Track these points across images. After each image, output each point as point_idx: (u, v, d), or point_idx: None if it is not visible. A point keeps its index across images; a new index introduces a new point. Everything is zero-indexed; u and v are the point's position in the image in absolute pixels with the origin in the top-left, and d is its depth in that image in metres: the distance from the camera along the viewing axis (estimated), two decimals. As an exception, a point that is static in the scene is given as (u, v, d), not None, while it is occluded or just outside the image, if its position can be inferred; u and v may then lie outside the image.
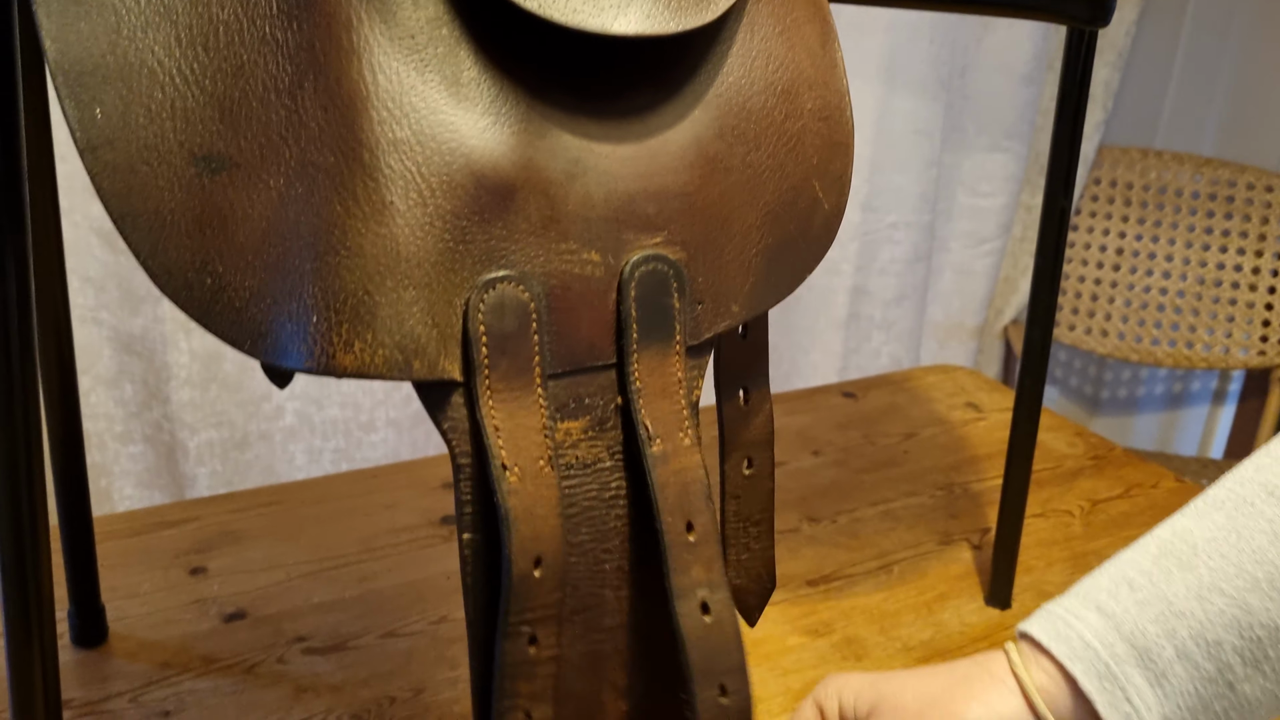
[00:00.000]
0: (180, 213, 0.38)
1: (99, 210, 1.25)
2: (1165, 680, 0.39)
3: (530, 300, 0.40)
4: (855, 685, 0.45)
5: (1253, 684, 0.39)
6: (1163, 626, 0.39)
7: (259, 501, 0.93)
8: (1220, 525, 0.41)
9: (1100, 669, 0.40)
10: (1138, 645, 0.39)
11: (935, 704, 0.42)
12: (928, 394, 1.20)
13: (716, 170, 0.44)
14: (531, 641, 0.41)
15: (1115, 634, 0.40)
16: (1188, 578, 0.40)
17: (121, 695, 0.71)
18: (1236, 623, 0.39)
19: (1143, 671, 0.39)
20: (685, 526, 0.42)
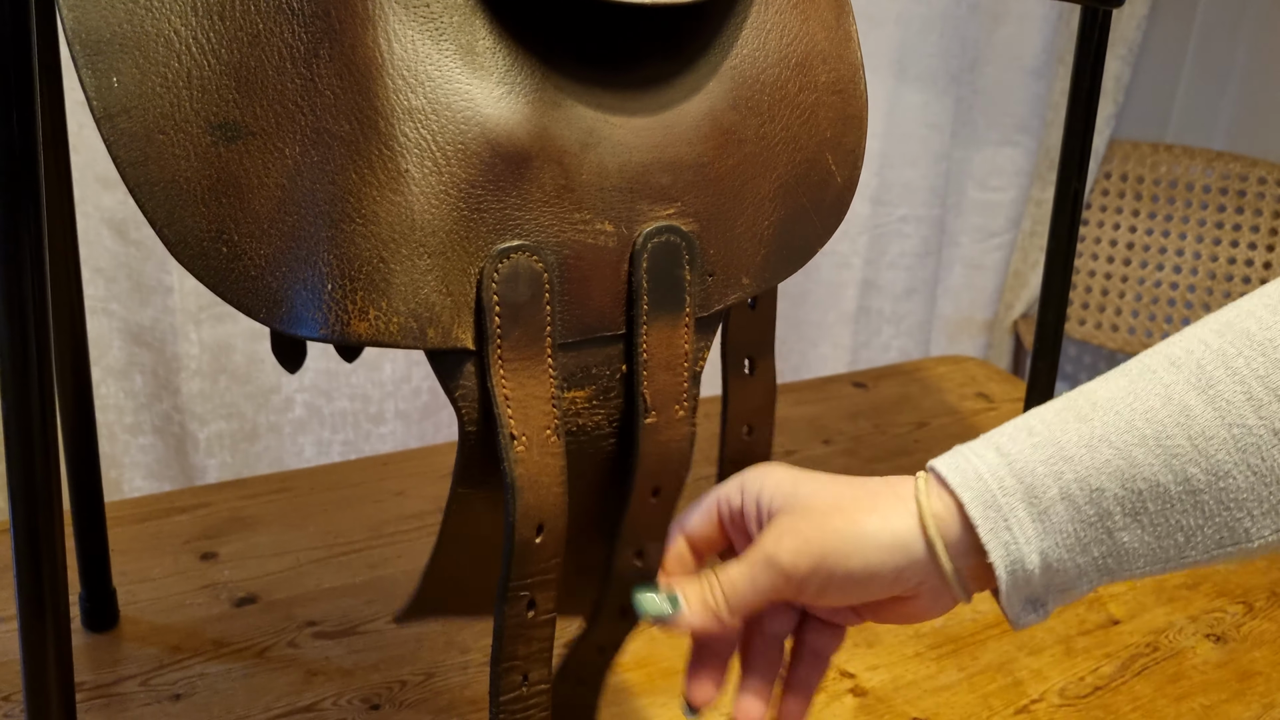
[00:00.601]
0: (196, 181, 0.38)
1: (110, 201, 1.25)
2: (1046, 516, 0.42)
3: (544, 270, 0.40)
4: (778, 478, 0.46)
5: (1130, 534, 0.41)
6: (1051, 468, 0.42)
7: (269, 488, 0.93)
8: (1121, 387, 0.43)
9: (987, 499, 0.42)
10: (1025, 482, 0.42)
11: (840, 510, 0.44)
12: (938, 384, 1.20)
13: (730, 142, 0.44)
14: (530, 606, 0.41)
15: (1007, 470, 0.42)
16: (1082, 429, 0.42)
17: (132, 678, 0.71)
18: (1120, 473, 0.41)
19: (1027, 506, 0.42)
20: (652, 491, 0.44)
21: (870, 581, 0.43)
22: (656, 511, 0.45)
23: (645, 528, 0.45)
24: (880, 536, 0.43)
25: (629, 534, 0.45)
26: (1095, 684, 0.76)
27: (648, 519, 0.45)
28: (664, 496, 0.45)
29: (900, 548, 0.43)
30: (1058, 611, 0.83)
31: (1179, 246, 1.82)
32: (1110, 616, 0.84)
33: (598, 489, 0.44)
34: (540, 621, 0.42)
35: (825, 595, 0.44)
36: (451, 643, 0.76)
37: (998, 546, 0.41)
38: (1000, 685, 0.75)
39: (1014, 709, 0.73)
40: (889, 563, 0.43)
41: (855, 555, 0.43)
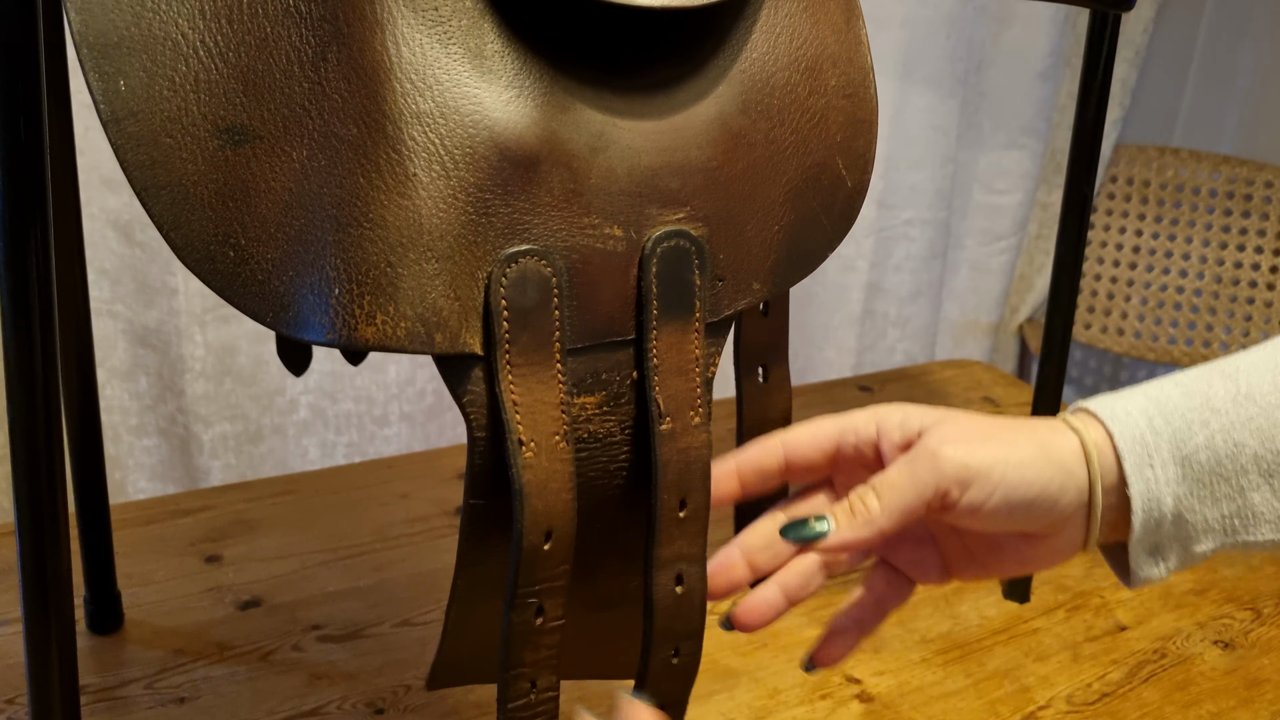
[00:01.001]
0: (203, 185, 0.37)
1: (115, 203, 1.25)
2: (1189, 462, 0.42)
3: (552, 274, 0.40)
4: (921, 409, 0.45)
5: (1261, 494, 0.42)
6: (1199, 415, 0.42)
7: (273, 491, 0.93)
8: (1263, 356, 0.44)
9: (1136, 434, 0.43)
10: (1173, 425, 0.43)
11: (1002, 430, 0.44)
12: (944, 388, 1.20)
13: (740, 146, 0.44)
14: (539, 613, 0.41)
15: (1157, 411, 0.43)
16: (1228, 385, 0.43)
17: (136, 682, 0.71)
18: (1261, 431, 0.42)
19: (1171, 448, 0.42)
20: (679, 504, 0.43)
21: (1036, 504, 0.43)
22: (688, 528, 0.43)
23: (680, 548, 0.43)
24: (1050, 455, 0.43)
25: (661, 554, 0.43)
26: (1103, 690, 0.76)
27: (680, 537, 0.43)
28: (693, 511, 0.43)
29: (1067, 469, 0.43)
30: (1064, 617, 0.83)
31: (1185, 251, 1.82)
32: (1118, 623, 0.83)
33: (614, 507, 0.43)
34: (548, 628, 0.42)
35: (984, 510, 0.42)
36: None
37: (1139, 482, 0.42)
38: (1007, 691, 0.75)
39: (1021, 715, 0.73)
40: (1055, 481, 0.43)
41: (1028, 468, 0.42)
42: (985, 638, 0.80)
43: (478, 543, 0.43)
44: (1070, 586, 0.87)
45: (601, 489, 0.43)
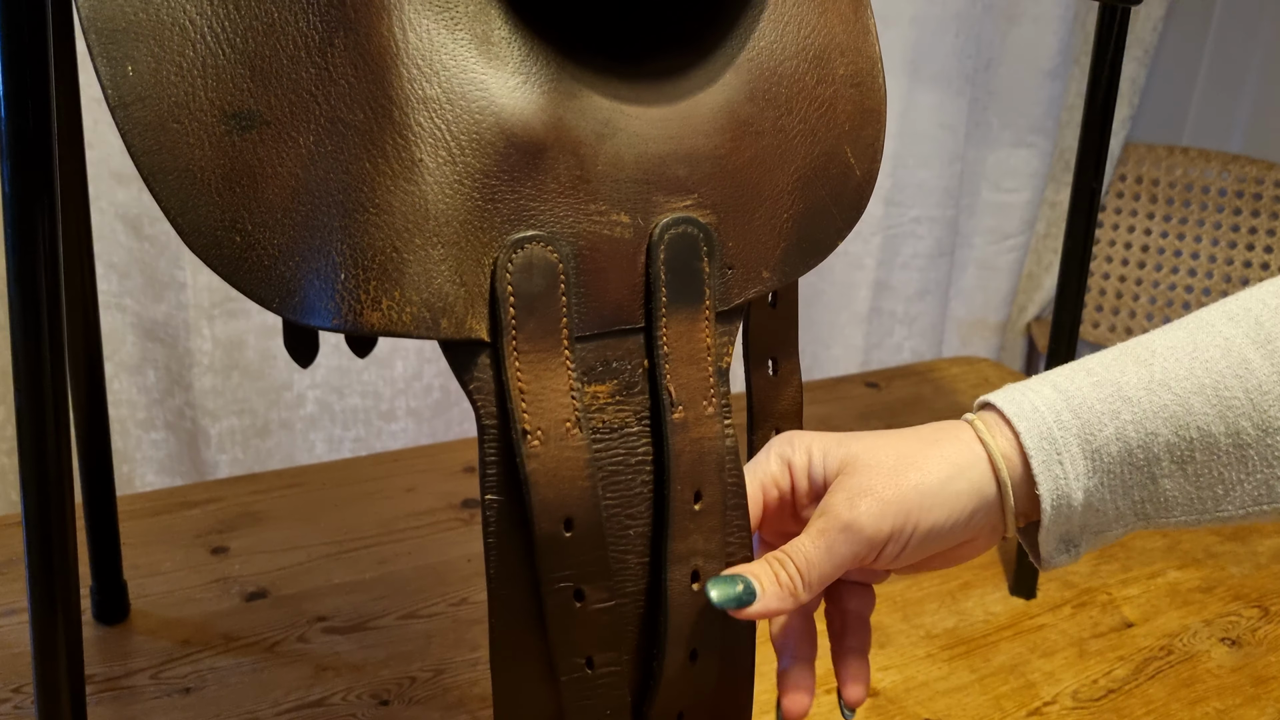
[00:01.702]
0: (210, 170, 0.37)
1: (124, 197, 1.25)
2: (1098, 455, 0.42)
3: (559, 261, 0.40)
4: (823, 444, 0.45)
5: (1173, 481, 0.42)
6: (1108, 407, 0.42)
7: (280, 483, 0.93)
8: (1179, 339, 0.43)
9: (1043, 431, 0.42)
10: (1082, 418, 0.42)
11: (910, 464, 0.43)
12: (951, 385, 1.19)
13: (747, 134, 0.44)
14: (578, 596, 0.40)
15: (1064, 405, 0.42)
16: (1141, 372, 0.42)
17: (142, 671, 0.71)
18: (1175, 419, 0.41)
19: (1080, 442, 0.42)
20: (693, 496, 0.42)
21: (950, 532, 0.43)
22: (704, 522, 0.43)
23: (695, 542, 0.43)
24: (957, 484, 0.42)
25: (676, 549, 0.42)
26: (1108, 687, 0.76)
27: (695, 531, 0.42)
28: (709, 504, 0.43)
29: (976, 493, 0.43)
30: (1070, 613, 0.83)
31: (1194, 249, 1.81)
32: (1124, 619, 0.83)
33: (643, 504, 0.42)
34: (594, 610, 0.41)
35: (903, 554, 0.43)
36: (462, 640, 0.76)
37: (1048, 480, 0.42)
38: (1012, 687, 0.75)
39: (1026, 711, 0.73)
40: (967, 509, 0.43)
41: (938, 507, 0.42)
42: (991, 633, 0.80)
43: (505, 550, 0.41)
44: (1076, 583, 0.87)
45: (626, 483, 0.42)
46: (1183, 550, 0.92)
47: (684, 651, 0.43)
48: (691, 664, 0.43)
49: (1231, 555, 0.92)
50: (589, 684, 0.42)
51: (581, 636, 0.41)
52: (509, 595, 0.40)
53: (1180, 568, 0.89)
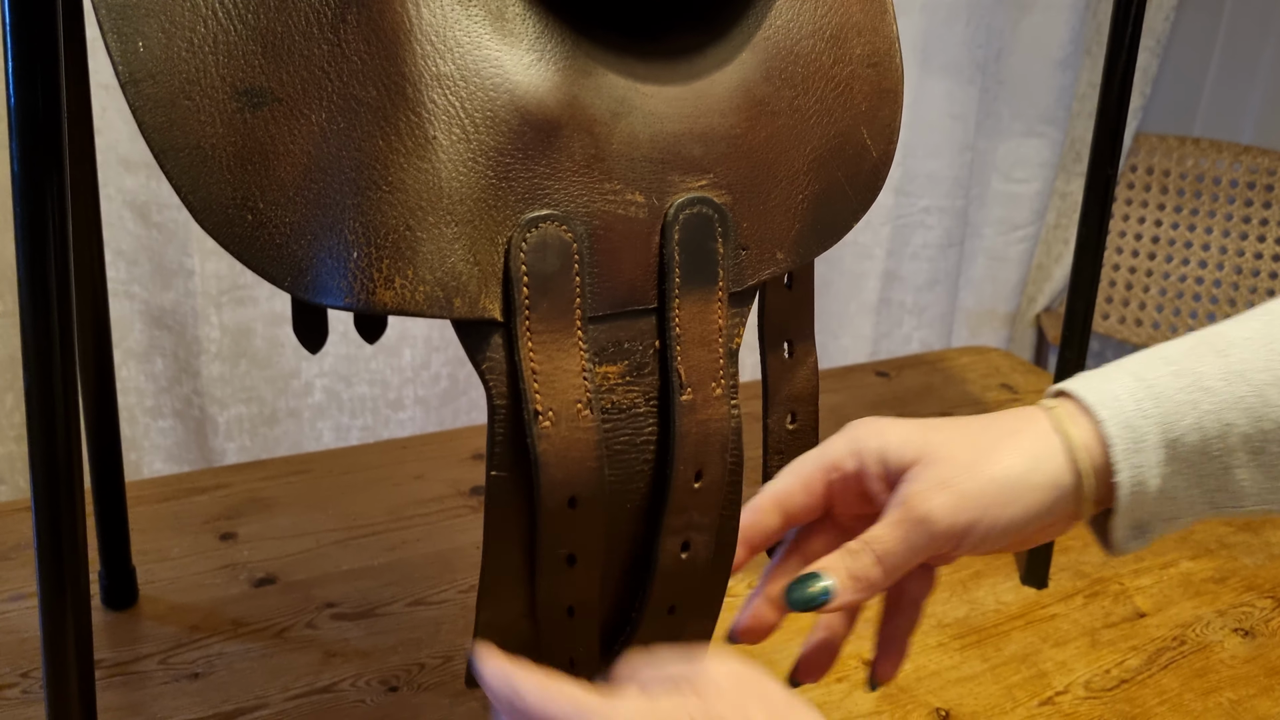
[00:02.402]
0: (221, 147, 0.37)
1: (132, 183, 1.25)
2: (1176, 445, 0.42)
3: (573, 240, 0.39)
4: (900, 433, 0.45)
5: (1247, 471, 0.42)
6: (1188, 397, 0.41)
7: (289, 470, 0.93)
8: (1255, 329, 0.43)
9: (1124, 419, 0.42)
10: (1162, 407, 0.42)
11: (988, 457, 0.42)
12: (962, 374, 1.19)
13: (763, 114, 0.43)
14: (570, 560, 0.41)
15: (1146, 393, 0.42)
16: (1219, 363, 0.42)
17: (151, 657, 0.71)
18: (1252, 411, 0.41)
19: (1161, 431, 0.42)
20: (695, 475, 0.42)
21: (1025, 524, 0.43)
22: (702, 499, 0.43)
23: (690, 517, 0.44)
24: (1035, 477, 0.42)
25: (672, 522, 0.43)
26: (1121, 677, 0.75)
27: (693, 507, 0.43)
28: (709, 483, 0.43)
29: (1053, 485, 0.42)
30: (1082, 603, 0.82)
31: (1205, 241, 1.80)
32: (1137, 609, 0.82)
33: (645, 482, 0.43)
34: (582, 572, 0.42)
35: (979, 546, 0.43)
36: (471, 626, 0.75)
37: (1127, 469, 0.41)
38: (1024, 677, 0.75)
39: (1038, 700, 0.72)
40: (1045, 502, 0.42)
41: (1016, 501, 0.42)
42: (1003, 623, 0.80)
43: (504, 518, 0.42)
44: (1088, 573, 0.86)
45: (629, 462, 0.42)
46: (1195, 541, 0.91)
47: (664, 607, 0.45)
48: (669, 616, 0.45)
49: (1244, 546, 0.91)
50: (567, 628, 0.44)
51: (567, 592, 0.43)
52: (502, 552, 0.42)
53: (1193, 558, 0.89)
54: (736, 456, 0.43)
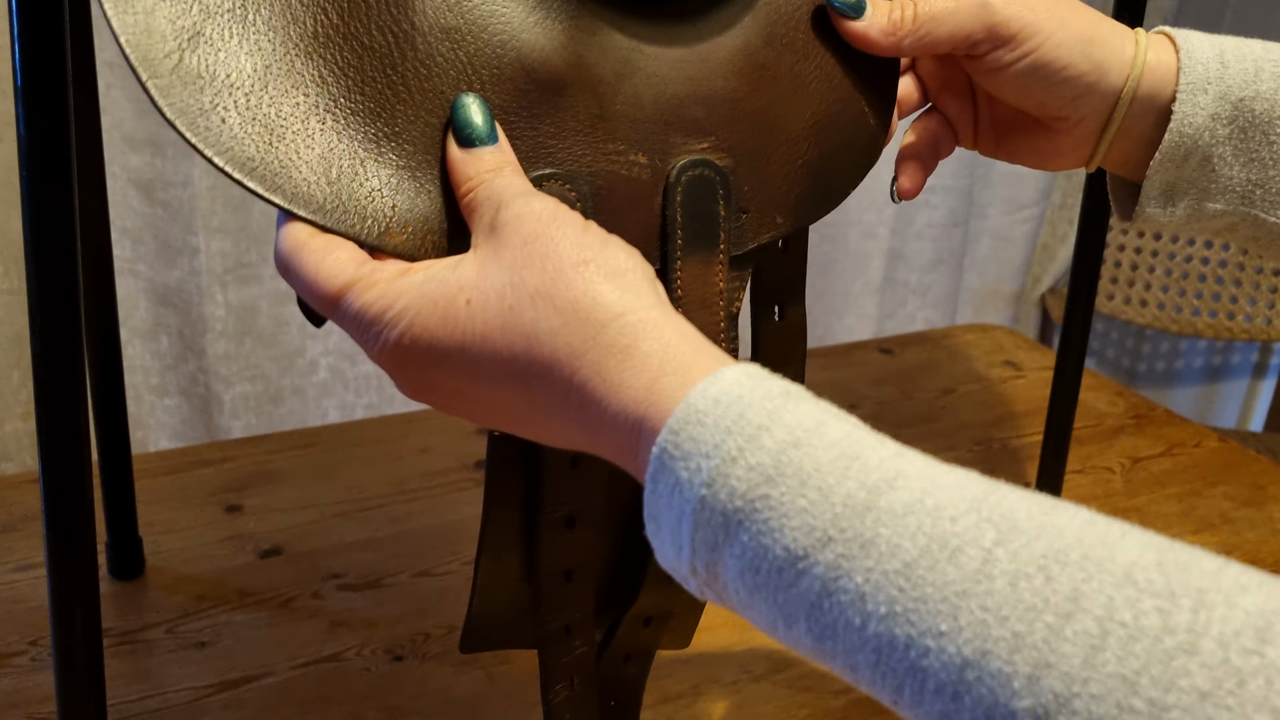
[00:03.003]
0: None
1: (136, 161, 1.25)
2: (1243, 106, 0.41)
3: (577, 200, 0.40)
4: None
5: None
6: (1273, 68, 0.42)
7: (294, 443, 0.93)
8: None
9: (1203, 58, 0.42)
10: (1244, 64, 0.42)
11: (1063, 6, 0.43)
12: (966, 351, 1.19)
13: (764, 78, 0.43)
14: (569, 523, 0.41)
15: (1233, 50, 0.43)
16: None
17: (157, 626, 0.72)
18: None
19: (1235, 83, 0.42)
20: None
21: (1055, 83, 0.43)
22: None
23: None
24: (1096, 48, 0.43)
25: None
26: (1123, 648, 0.76)
27: None
28: None
29: (1102, 70, 0.43)
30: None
31: (1211, 221, 1.80)
32: (1138, 582, 0.83)
33: None
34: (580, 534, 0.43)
35: (1005, 73, 0.43)
36: (475, 597, 0.76)
37: (1187, 103, 0.42)
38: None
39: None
40: (1085, 76, 0.43)
41: (1066, 47, 0.42)
42: (1004, 595, 0.80)
43: (504, 480, 0.42)
44: (1091, 547, 0.86)
45: None
46: (1198, 515, 0.92)
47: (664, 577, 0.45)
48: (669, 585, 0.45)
49: (1247, 521, 0.91)
50: (565, 592, 0.44)
51: (566, 555, 0.43)
52: (502, 514, 0.42)
53: (1195, 532, 0.89)
54: None
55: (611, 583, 0.47)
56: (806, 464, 0.29)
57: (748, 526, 0.29)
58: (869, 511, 0.28)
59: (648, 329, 0.32)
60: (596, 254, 0.34)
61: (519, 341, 0.33)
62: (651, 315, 0.33)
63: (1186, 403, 2.05)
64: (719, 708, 0.68)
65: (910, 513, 0.28)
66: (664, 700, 0.68)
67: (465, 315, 0.33)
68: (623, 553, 0.46)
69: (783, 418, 0.30)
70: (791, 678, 0.70)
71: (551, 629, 0.45)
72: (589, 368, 0.32)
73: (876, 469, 0.29)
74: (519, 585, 0.44)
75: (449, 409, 0.37)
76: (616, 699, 0.51)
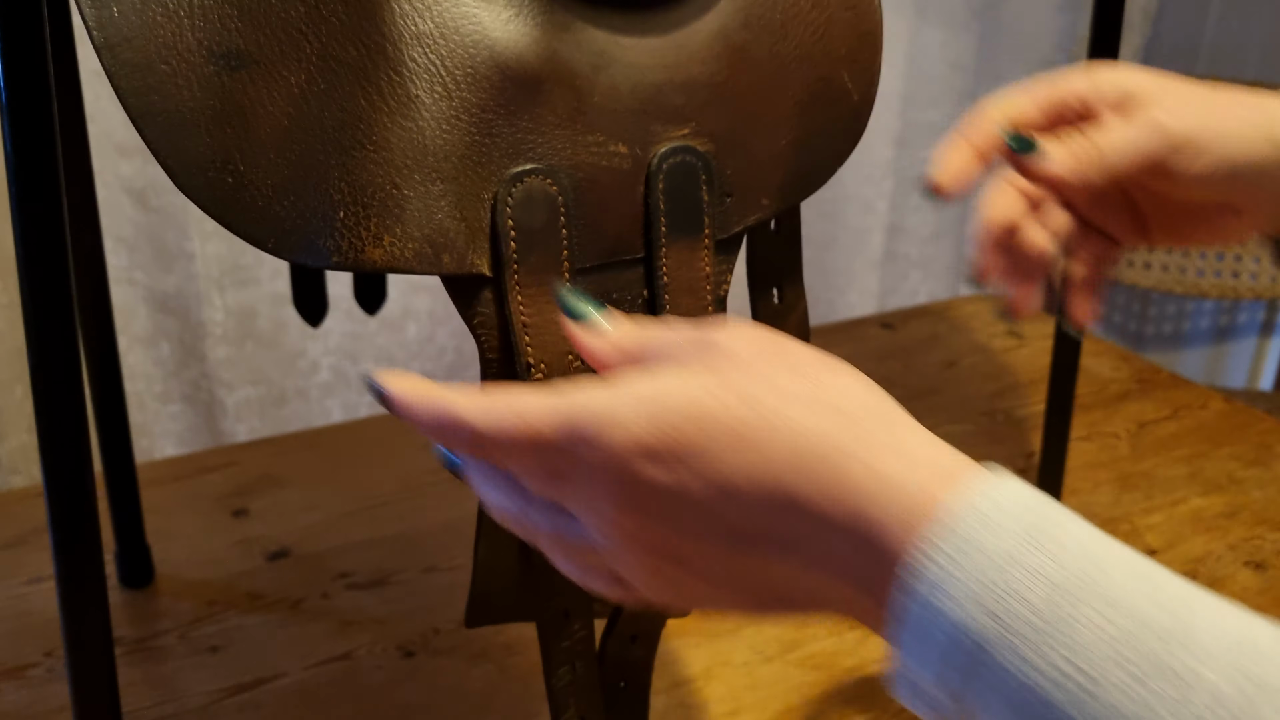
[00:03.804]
0: (200, 110, 0.37)
1: (129, 170, 1.25)
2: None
3: (558, 194, 0.39)
4: (1133, 72, 0.45)
5: None
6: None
7: (298, 445, 0.93)
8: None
9: None
10: None
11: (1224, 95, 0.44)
12: (967, 323, 1.19)
13: (743, 61, 0.43)
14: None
15: None
16: None
17: (170, 632, 0.72)
18: None
19: None
20: None
21: (1237, 172, 0.43)
22: None
23: None
24: (1264, 127, 0.43)
25: None
26: (1133, 614, 0.75)
27: None
28: None
29: (1276, 143, 0.43)
30: (1093, 544, 0.82)
31: (1210, 181, 1.79)
32: (1147, 546, 0.83)
33: None
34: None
35: (1189, 177, 0.43)
36: (484, 590, 0.76)
37: None
38: (1036, 618, 0.75)
39: (1051, 640, 0.73)
40: (1268, 153, 0.43)
41: (1244, 139, 0.43)
42: (1013, 566, 0.80)
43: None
44: (1098, 513, 0.86)
45: None
46: (1206, 477, 0.91)
47: None
48: None
49: (1255, 480, 0.91)
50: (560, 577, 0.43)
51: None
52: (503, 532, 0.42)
53: (1203, 494, 0.89)
54: None
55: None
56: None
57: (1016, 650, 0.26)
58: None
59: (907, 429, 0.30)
60: (836, 362, 0.32)
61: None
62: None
63: (1194, 364, 2.04)
64: (731, 689, 0.68)
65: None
66: (676, 684, 0.68)
67: (722, 411, 0.29)
68: None
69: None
70: (802, 657, 0.70)
71: (550, 613, 0.45)
72: (858, 460, 0.29)
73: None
74: (518, 563, 0.44)
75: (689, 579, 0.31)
76: (625, 681, 0.51)
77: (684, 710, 0.66)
